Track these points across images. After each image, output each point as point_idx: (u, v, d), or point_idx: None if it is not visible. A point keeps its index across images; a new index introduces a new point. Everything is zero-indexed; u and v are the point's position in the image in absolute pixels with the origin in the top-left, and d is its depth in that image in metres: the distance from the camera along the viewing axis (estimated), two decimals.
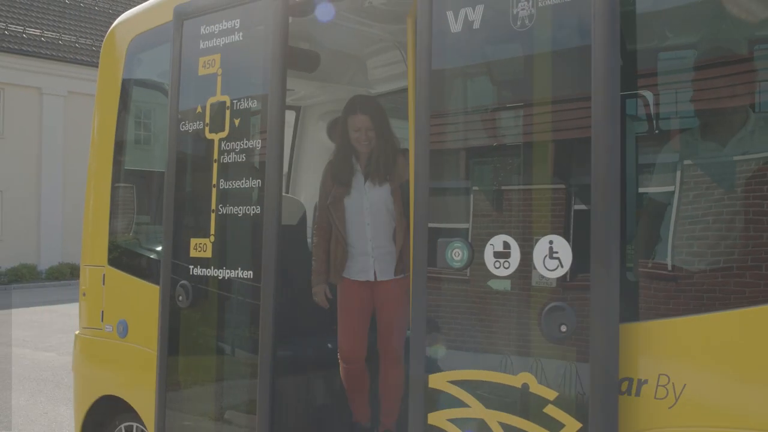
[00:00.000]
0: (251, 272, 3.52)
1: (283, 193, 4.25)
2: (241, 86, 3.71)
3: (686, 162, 2.59)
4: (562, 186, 2.66)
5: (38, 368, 10.03)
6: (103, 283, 4.48)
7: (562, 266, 2.54)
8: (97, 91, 4.73)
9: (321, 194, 4.35)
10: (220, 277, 3.68)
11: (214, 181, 3.72)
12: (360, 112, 4.15)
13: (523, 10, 2.67)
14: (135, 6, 4.95)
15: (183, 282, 3.82)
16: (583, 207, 2.55)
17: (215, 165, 3.72)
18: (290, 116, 5.79)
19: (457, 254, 2.79)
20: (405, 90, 3.32)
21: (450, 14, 2.85)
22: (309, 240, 4.93)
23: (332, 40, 4.66)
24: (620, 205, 2.44)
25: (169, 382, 3.86)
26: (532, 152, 2.72)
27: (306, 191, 5.67)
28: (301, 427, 4.34)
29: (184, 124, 3.90)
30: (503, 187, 2.78)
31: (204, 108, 3.80)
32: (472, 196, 2.87)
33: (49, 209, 25.23)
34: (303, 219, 4.97)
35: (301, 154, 5.81)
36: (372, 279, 4.19)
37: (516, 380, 2.63)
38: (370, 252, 4.19)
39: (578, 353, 2.52)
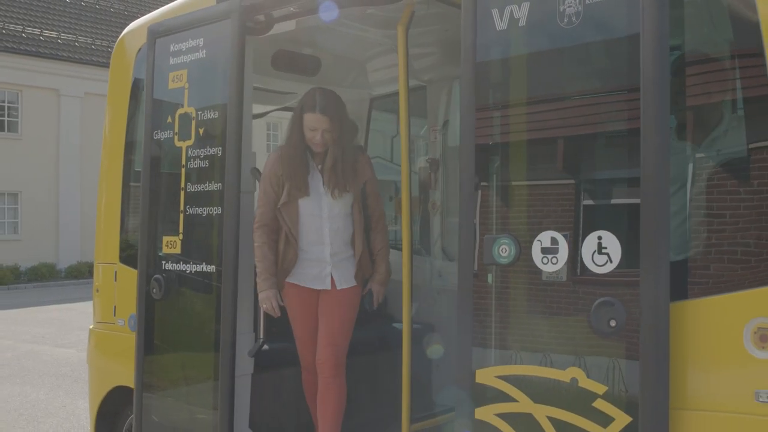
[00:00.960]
0: (214, 267, 3.87)
1: None
2: (204, 99, 4.03)
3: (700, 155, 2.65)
4: (610, 181, 2.69)
5: (57, 364, 10.14)
6: (115, 280, 4.68)
7: (611, 261, 2.57)
8: (108, 94, 4.93)
9: (265, 186, 3.90)
10: (188, 271, 4.03)
11: (182, 185, 4.07)
12: (319, 111, 3.81)
13: (570, 7, 2.70)
14: (148, 8, 5.05)
15: (156, 276, 4.13)
16: (631, 202, 2.57)
17: (183, 170, 4.06)
18: (263, 122, 5.98)
19: (504, 250, 2.81)
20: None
21: (495, 12, 2.88)
22: None
23: (333, 45, 4.83)
24: (667, 200, 2.46)
25: (146, 368, 4.20)
26: (577, 148, 2.75)
27: None
28: (308, 419, 4.40)
29: (157, 133, 4.23)
30: (550, 183, 2.81)
31: (173, 118, 4.14)
32: (517, 192, 2.89)
33: (67, 209, 25.46)
34: None
35: None
36: (329, 288, 3.88)
37: (565, 375, 2.65)
38: (327, 259, 3.88)
39: (627, 348, 2.54)
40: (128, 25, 5.00)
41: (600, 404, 2.57)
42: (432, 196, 5.14)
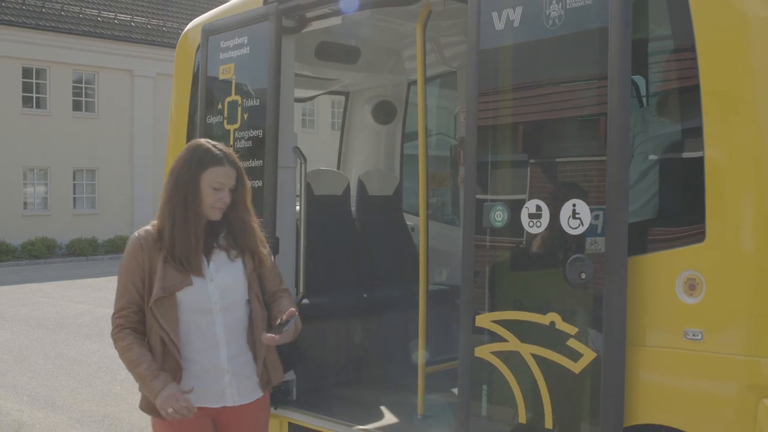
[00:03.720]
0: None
1: (329, 168, 5.64)
2: (248, 88, 4.65)
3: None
4: (583, 160, 3.20)
5: None
6: None
7: (582, 224, 3.09)
8: (173, 81, 5.60)
9: (124, 280, 2.95)
10: None
11: None
12: (228, 163, 2.97)
13: (554, 11, 3.21)
14: None
15: None
16: (600, 177, 3.07)
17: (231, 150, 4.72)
18: (336, 101, 6.63)
19: (498, 215, 3.36)
20: (436, 77, 3.95)
21: (494, 14, 3.40)
22: (352, 208, 5.79)
23: (373, 36, 5.42)
24: (626, 174, 2.97)
25: None
26: (558, 130, 3.28)
27: (355, 166, 6.53)
28: (339, 364, 5.08)
29: (209, 117, 4.85)
30: (536, 160, 3.34)
31: (223, 105, 4.74)
32: (510, 166, 3.43)
33: (141, 184, 26.75)
34: (347, 190, 5.77)
35: (350, 134, 6.64)
36: (229, 404, 3.00)
37: (545, 319, 3.19)
38: (225, 367, 2.98)
39: (594, 296, 3.06)
40: (196, 7, 5.68)
41: (572, 343, 3.10)
42: (461, 171, 5.69)
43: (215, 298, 2.96)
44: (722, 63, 2.83)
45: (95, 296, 14.73)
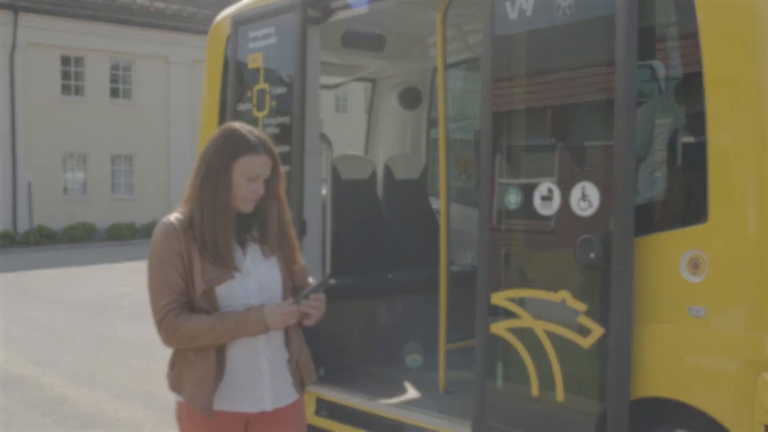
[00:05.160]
0: None
1: (356, 153, 5.82)
2: (275, 77, 4.84)
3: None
4: (593, 142, 3.33)
5: None
6: None
7: (591, 206, 3.22)
8: (205, 69, 5.82)
9: (164, 268, 2.64)
10: None
11: None
12: (264, 151, 2.69)
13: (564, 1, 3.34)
14: None
15: None
16: (608, 161, 3.20)
17: None
18: (368, 86, 6.82)
19: (512, 198, 3.51)
20: (462, 62, 4.09)
21: (508, 4, 3.53)
22: (379, 192, 5.94)
23: (397, 24, 5.59)
24: (633, 157, 3.09)
25: None
26: (568, 115, 3.41)
27: (382, 150, 6.70)
28: (365, 342, 5.27)
29: (239, 105, 5.05)
30: (548, 144, 3.48)
31: (252, 93, 4.93)
32: (523, 150, 3.57)
33: (178, 170, 27.16)
34: (373, 174, 5.93)
35: (377, 119, 6.83)
36: (268, 408, 2.72)
37: (556, 296, 3.33)
38: (264, 368, 2.72)
39: (602, 274, 3.20)
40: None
41: (582, 319, 3.24)
42: None
43: (254, 294, 2.68)
44: (725, 50, 2.94)
45: (134, 279, 15.10)
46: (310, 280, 2.92)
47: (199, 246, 2.63)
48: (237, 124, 2.76)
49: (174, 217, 2.72)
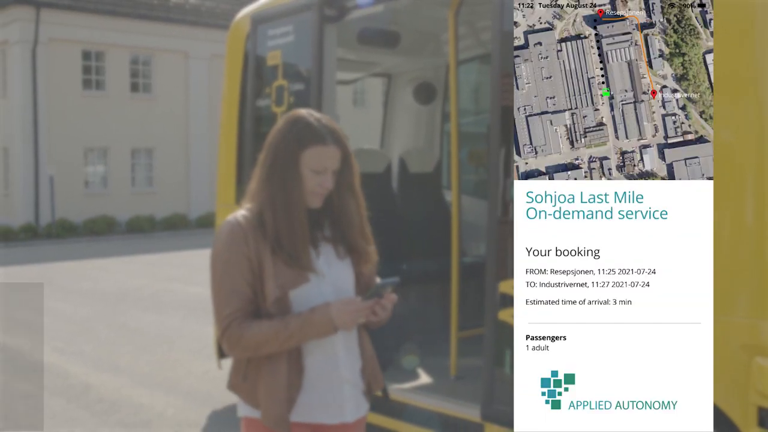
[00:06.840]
0: None
1: (371, 147, 6.07)
2: (294, 73, 5.00)
3: None
4: None
5: (188, 299, 11.55)
6: None
7: None
8: (225, 66, 5.98)
9: (231, 273, 2.42)
10: None
11: None
12: (332, 141, 2.44)
13: None
14: None
15: None
16: None
17: None
18: (377, 83, 6.96)
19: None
20: (475, 58, 4.23)
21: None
22: (394, 185, 6.04)
23: (412, 21, 5.73)
24: None
25: None
26: None
27: (397, 144, 6.85)
28: (381, 330, 5.43)
29: (258, 101, 5.22)
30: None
31: (271, 89, 5.10)
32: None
33: (197, 163, 27.47)
34: (388, 167, 6.07)
35: (392, 114, 6.97)
36: (349, 419, 2.52)
37: None
38: (345, 376, 2.51)
39: None
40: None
41: None
42: None
43: (330, 298, 2.45)
44: (724, 46, 3.05)
45: (154, 271, 15.37)
46: (377, 279, 2.72)
47: (272, 245, 2.40)
48: (304, 111, 2.50)
49: (240, 214, 2.47)
